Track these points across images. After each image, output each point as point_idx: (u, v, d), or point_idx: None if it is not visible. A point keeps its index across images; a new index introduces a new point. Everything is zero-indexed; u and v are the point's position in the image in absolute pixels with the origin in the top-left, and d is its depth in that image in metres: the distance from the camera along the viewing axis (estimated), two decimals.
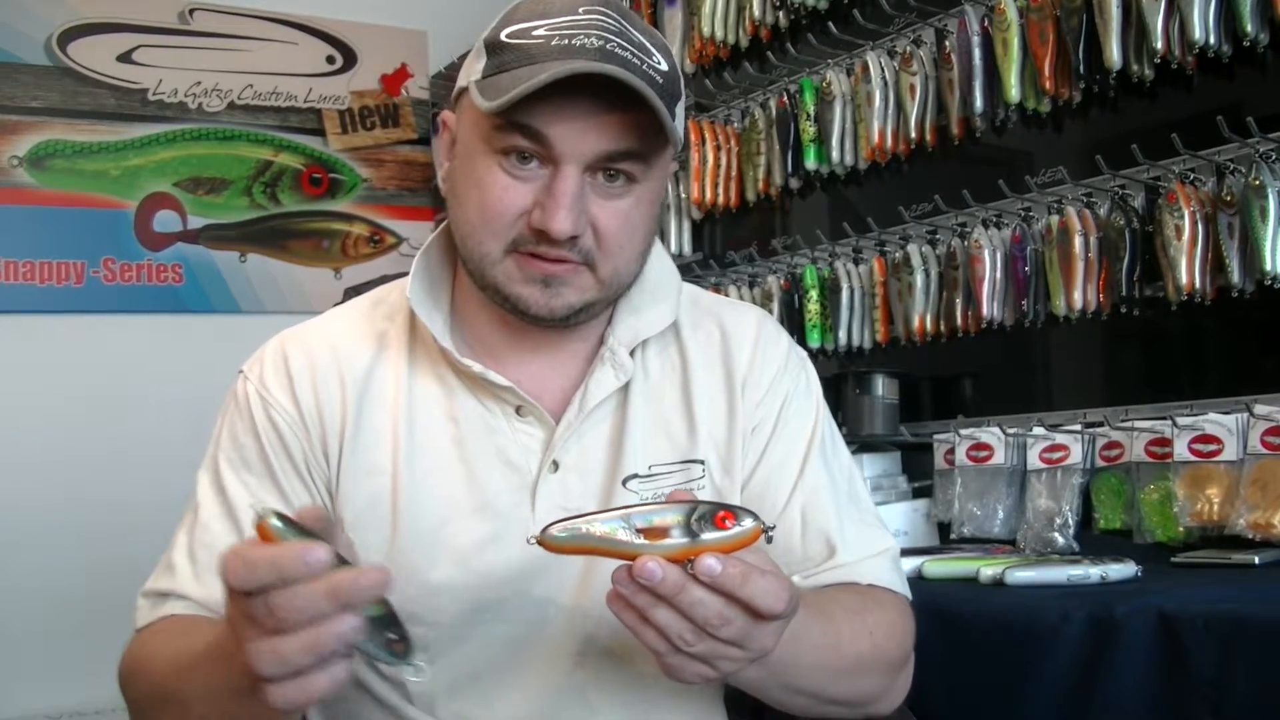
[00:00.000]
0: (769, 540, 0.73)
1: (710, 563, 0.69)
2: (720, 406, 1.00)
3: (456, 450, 0.95)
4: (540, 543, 0.72)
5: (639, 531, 0.70)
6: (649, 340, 0.99)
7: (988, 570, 1.42)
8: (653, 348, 1.00)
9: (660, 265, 1.02)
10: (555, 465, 0.95)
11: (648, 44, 0.89)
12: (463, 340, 0.98)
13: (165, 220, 2.99)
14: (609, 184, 0.89)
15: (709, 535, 0.70)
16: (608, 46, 0.86)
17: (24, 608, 2.72)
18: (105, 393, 2.86)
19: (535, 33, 0.87)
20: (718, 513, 0.71)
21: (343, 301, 1.10)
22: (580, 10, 0.87)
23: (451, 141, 0.96)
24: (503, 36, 0.88)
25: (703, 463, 0.98)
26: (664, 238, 2.61)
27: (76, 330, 2.86)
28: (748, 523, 0.71)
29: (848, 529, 0.98)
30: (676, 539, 0.70)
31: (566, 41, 0.85)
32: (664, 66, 0.89)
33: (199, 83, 3.05)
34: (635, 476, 0.96)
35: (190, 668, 0.82)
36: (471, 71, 0.91)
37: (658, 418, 0.98)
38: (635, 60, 0.86)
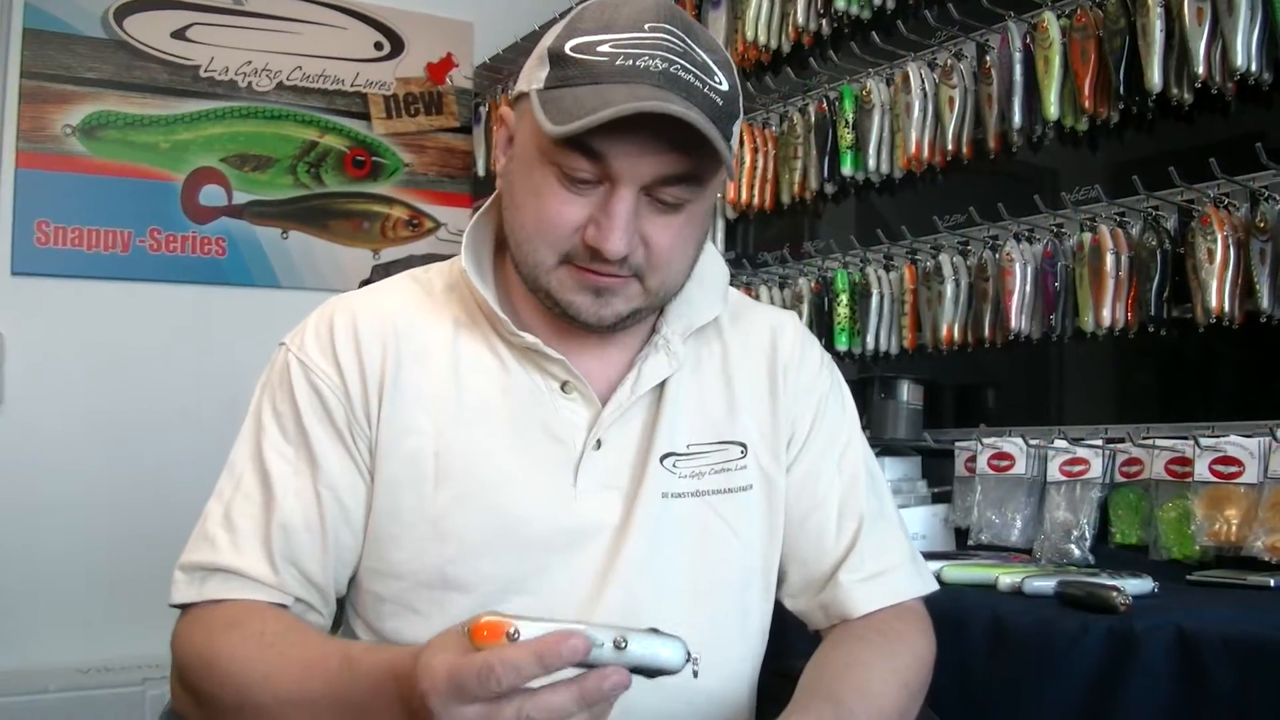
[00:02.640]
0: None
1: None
2: (762, 394, 1.04)
3: (504, 419, 0.97)
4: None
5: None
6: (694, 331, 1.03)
7: (1007, 578, 1.44)
8: (696, 337, 1.04)
9: (712, 260, 1.05)
10: (599, 443, 0.98)
11: (710, 63, 0.88)
12: (513, 317, 1.00)
13: (211, 194, 3.06)
14: (663, 202, 0.90)
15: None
16: (671, 70, 0.85)
17: (60, 564, 2.78)
18: (146, 359, 2.92)
19: (600, 49, 0.86)
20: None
21: (370, 278, 1.12)
22: (646, 26, 0.87)
23: (509, 138, 0.96)
24: (567, 49, 0.87)
25: (743, 445, 1.01)
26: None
27: (121, 297, 2.92)
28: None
29: (872, 528, 1.03)
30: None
31: (631, 62, 0.85)
32: (724, 86, 0.89)
33: (249, 62, 3.11)
34: (672, 454, 0.99)
35: (296, 701, 0.83)
36: (533, 79, 0.90)
37: (698, 398, 1.02)
38: (697, 84, 0.86)
